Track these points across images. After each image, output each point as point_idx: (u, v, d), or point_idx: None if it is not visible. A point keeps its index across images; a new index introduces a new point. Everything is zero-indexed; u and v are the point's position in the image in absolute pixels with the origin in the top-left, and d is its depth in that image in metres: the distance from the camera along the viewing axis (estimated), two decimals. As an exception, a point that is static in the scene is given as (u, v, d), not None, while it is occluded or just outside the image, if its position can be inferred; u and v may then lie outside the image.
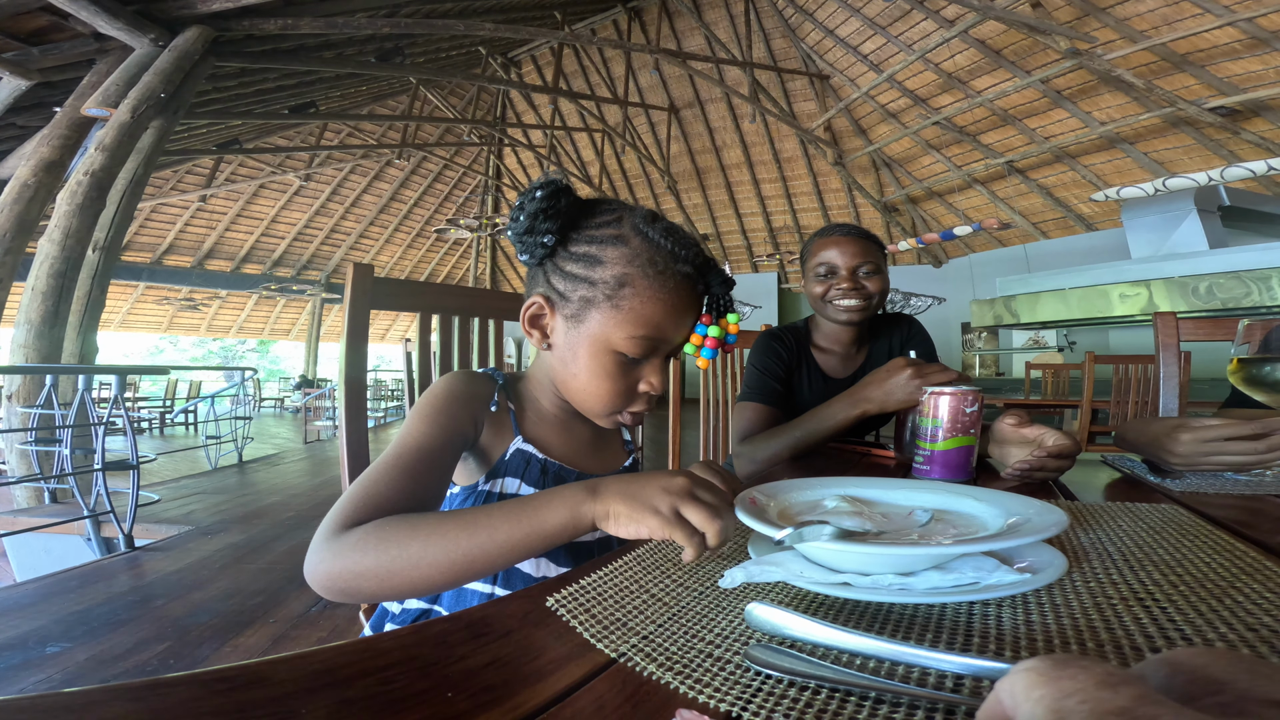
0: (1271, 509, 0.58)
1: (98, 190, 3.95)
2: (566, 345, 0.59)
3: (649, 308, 0.56)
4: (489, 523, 0.43)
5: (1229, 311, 4.99)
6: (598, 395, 0.59)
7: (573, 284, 0.57)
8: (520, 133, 12.08)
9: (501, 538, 0.42)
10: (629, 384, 0.59)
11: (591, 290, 0.56)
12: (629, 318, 0.56)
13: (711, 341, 0.58)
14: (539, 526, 0.42)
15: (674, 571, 0.42)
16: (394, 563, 0.42)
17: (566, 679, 0.28)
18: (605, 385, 0.58)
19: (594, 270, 0.56)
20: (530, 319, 0.61)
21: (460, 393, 0.60)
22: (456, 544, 0.42)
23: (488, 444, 0.62)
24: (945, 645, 0.30)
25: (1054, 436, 0.72)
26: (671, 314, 0.57)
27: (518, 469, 0.61)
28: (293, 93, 8.10)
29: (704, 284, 0.59)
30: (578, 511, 0.42)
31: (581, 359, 0.58)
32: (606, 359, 0.57)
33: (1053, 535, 0.36)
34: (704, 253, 0.59)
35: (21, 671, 1.60)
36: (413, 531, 0.43)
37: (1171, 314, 1.34)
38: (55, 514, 3.20)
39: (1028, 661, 0.15)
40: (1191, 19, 5.76)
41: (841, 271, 1.18)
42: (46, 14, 4.15)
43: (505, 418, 0.63)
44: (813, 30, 8.90)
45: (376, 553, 0.43)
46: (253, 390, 9.71)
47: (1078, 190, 8.27)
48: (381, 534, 0.44)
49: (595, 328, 0.57)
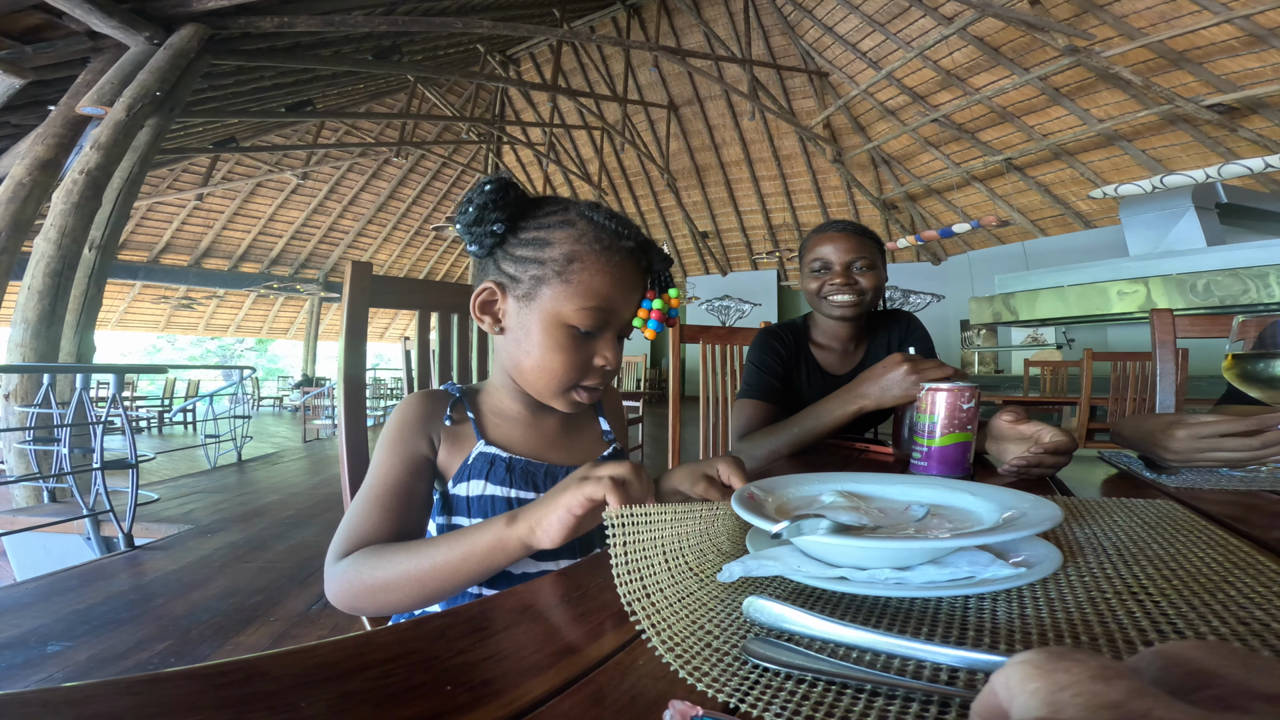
0: (1266, 505, 0.59)
1: (93, 189, 3.93)
2: (520, 325, 0.62)
3: (597, 280, 0.59)
4: (432, 551, 0.50)
5: (1227, 309, 4.99)
6: (551, 370, 0.61)
7: (523, 266, 0.60)
8: (519, 131, 12.05)
9: (441, 561, 0.48)
10: (582, 358, 0.61)
11: (542, 269, 0.59)
12: (579, 290, 0.59)
13: (656, 314, 0.61)
14: (469, 550, 0.48)
15: (673, 563, 0.42)
16: (370, 588, 0.51)
17: (565, 673, 0.28)
18: (558, 359, 0.60)
19: (544, 251, 0.59)
20: (481, 305, 0.63)
21: (411, 417, 0.63)
22: (409, 571, 0.49)
23: (449, 457, 0.64)
24: (941, 639, 0.30)
25: (1050, 433, 0.72)
26: (619, 287, 0.60)
27: (481, 471, 0.63)
28: (289, 91, 8.05)
29: (646, 260, 0.63)
30: (501, 536, 0.47)
31: (535, 335, 0.60)
32: (559, 333, 0.60)
33: (1047, 529, 0.37)
34: (644, 233, 0.63)
35: (23, 670, 1.60)
36: (378, 562, 0.51)
37: (1168, 311, 1.34)
38: (54, 513, 3.19)
39: (1023, 654, 0.16)
40: (1189, 16, 5.76)
41: (836, 267, 1.19)
42: (40, 12, 4.11)
43: (466, 427, 0.65)
44: (812, 27, 8.89)
45: (359, 580, 0.51)
46: (251, 389, 9.69)
47: (1076, 187, 8.27)
48: (359, 565, 0.52)
49: (547, 303, 0.60)
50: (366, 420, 0.87)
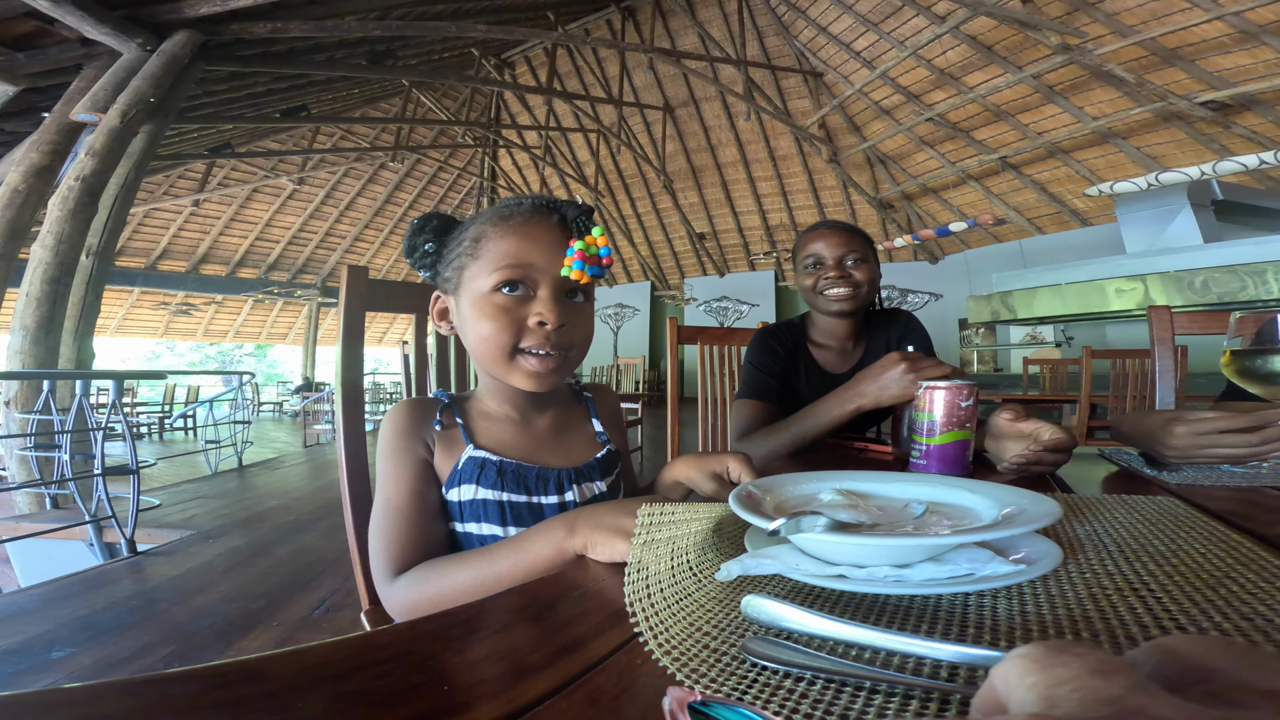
0: (1268, 501, 0.58)
1: (89, 195, 3.92)
2: (459, 315, 0.66)
3: (504, 244, 0.62)
4: (494, 557, 0.53)
5: (1225, 305, 5.00)
6: (489, 338, 0.62)
7: (449, 267, 0.66)
8: (515, 134, 12.05)
9: (505, 573, 0.51)
10: (513, 320, 0.62)
11: (460, 259, 0.64)
12: (489, 259, 0.62)
13: (580, 255, 0.62)
14: (532, 562, 0.50)
15: (675, 562, 0.42)
16: (434, 603, 0.54)
17: (562, 672, 0.28)
18: (488, 325, 0.62)
19: (459, 246, 0.65)
20: (439, 314, 0.70)
21: (402, 425, 0.64)
22: (470, 585, 0.53)
23: (442, 461, 0.65)
24: (940, 635, 0.30)
25: (1049, 430, 0.72)
26: (529, 243, 0.62)
27: (471, 475, 0.63)
28: (284, 96, 8.05)
29: (558, 215, 0.64)
30: (560, 548, 0.49)
31: (469, 316, 0.63)
32: (484, 304, 0.62)
33: (1046, 525, 0.37)
34: (554, 197, 0.66)
35: (27, 676, 1.60)
36: (437, 578, 0.55)
37: (1165, 308, 1.35)
38: (57, 519, 3.19)
39: (1023, 648, 0.15)
40: (1180, 13, 5.77)
41: (828, 261, 1.20)
42: (32, 19, 4.09)
43: (456, 433, 0.66)
44: (806, 28, 8.90)
45: (422, 597, 0.56)
46: (251, 394, 9.67)
47: (1071, 185, 8.28)
48: (419, 583, 0.56)
49: (469, 283, 0.64)
50: (365, 425, 0.87)
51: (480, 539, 0.62)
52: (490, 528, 0.62)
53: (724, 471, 0.64)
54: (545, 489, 0.65)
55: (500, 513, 0.62)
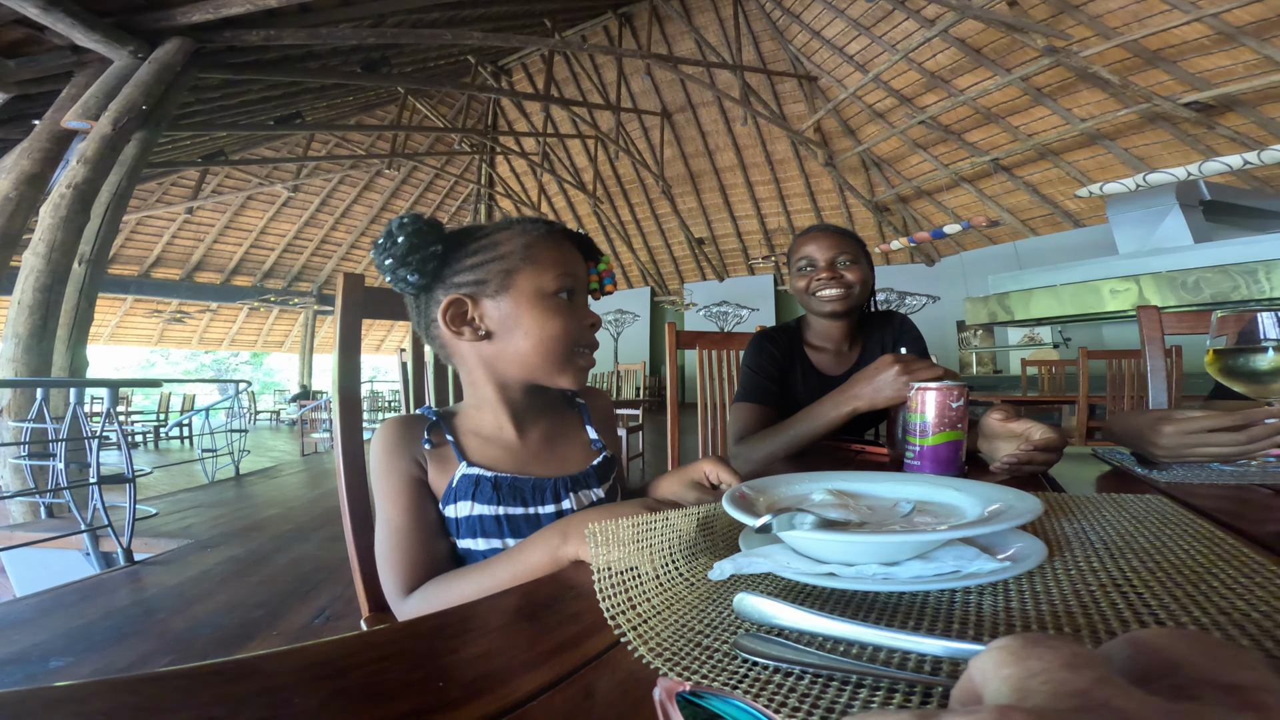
0: (1257, 499, 0.59)
1: (81, 203, 3.91)
2: (506, 316, 0.65)
3: (555, 254, 0.66)
4: (493, 569, 0.54)
5: (1218, 305, 5.03)
6: (555, 337, 0.64)
7: (483, 271, 0.64)
8: (512, 141, 12.06)
9: (504, 581, 0.52)
10: (576, 321, 0.67)
11: (505, 262, 0.64)
12: (547, 263, 0.65)
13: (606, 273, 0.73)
14: (530, 571, 0.51)
15: (661, 570, 0.42)
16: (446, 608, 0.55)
17: (557, 669, 0.28)
18: (558, 323, 0.64)
19: (498, 250, 0.65)
20: (453, 319, 0.65)
21: (391, 444, 0.65)
22: (478, 587, 0.54)
23: (435, 478, 0.65)
24: (927, 630, 0.31)
25: (1040, 430, 0.72)
26: (571, 257, 0.68)
27: (467, 492, 0.63)
28: (278, 103, 8.02)
29: (573, 239, 0.71)
30: (555, 555, 0.50)
31: (526, 317, 0.64)
32: (548, 302, 0.65)
33: (1029, 521, 0.37)
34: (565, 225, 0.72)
35: (25, 685, 1.58)
36: (445, 593, 0.57)
37: (1154, 308, 1.36)
38: (52, 529, 3.17)
39: (1000, 640, 0.16)
40: (1160, 15, 5.83)
41: (820, 263, 1.22)
42: (22, 26, 4.06)
43: (447, 450, 0.66)
44: (800, 32, 8.96)
45: (435, 605, 0.55)
46: (247, 403, 9.64)
47: (1063, 187, 8.33)
48: (430, 599, 0.58)
49: (525, 284, 0.64)
50: (363, 434, 0.86)
51: (481, 555, 0.62)
52: (489, 542, 0.62)
53: (702, 478, 0.65)
54: (542, 499, 0.65)
55: (498, 526, 0.63)
